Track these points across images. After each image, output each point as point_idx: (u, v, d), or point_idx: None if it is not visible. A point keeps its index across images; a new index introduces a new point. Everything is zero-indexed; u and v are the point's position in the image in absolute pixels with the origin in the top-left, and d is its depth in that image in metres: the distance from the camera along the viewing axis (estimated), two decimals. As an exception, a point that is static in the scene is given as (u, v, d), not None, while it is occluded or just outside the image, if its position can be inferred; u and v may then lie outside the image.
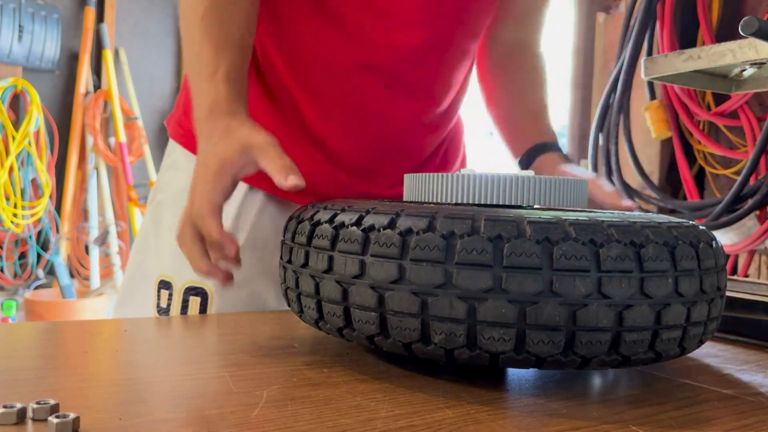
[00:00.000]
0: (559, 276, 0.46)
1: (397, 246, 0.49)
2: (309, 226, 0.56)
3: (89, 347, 0.63)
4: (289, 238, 0.60)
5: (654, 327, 0.49)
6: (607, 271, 0.47)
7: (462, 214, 0.49)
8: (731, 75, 1.32)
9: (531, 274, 0.46)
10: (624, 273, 0.47)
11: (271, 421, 0.42)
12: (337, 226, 0.53)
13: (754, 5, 1.60)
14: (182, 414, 0.43)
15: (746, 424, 0.47)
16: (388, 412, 0.45)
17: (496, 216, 0.49)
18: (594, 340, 0.47)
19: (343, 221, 0.53)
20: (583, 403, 0.50)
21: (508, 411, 0.47)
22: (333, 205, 0.57)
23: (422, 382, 0.53)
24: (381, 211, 0.52)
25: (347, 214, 0.54)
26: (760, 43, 1.08)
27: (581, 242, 0.47)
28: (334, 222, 0.54)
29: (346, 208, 0.55)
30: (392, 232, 0.50)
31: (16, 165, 2.96)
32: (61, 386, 0.48)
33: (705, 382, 0.57)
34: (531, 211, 0.51)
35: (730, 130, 1.62)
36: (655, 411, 0.48)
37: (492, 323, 0.47)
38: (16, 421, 0.39)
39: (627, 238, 0.48)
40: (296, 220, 0.60)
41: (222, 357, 0.58)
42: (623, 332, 0.48)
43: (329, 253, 0.53)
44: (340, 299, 0.52)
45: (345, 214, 0.54)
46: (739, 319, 0.75)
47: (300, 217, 0.59)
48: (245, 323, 0.74)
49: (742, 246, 1.49)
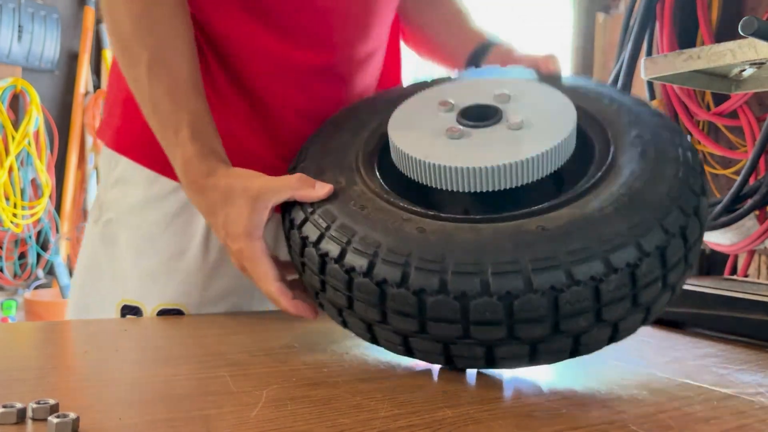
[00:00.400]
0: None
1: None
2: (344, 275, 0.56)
3: (89, 347, 0.63)
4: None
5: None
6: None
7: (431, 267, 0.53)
8: (731, 75, 1.32)
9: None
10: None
11: (271, 421, 0.42)
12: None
13: (754, 5, 1.60)
14: (182, 414, 0.43)
15: (745, 424, 0.47)
16: (388, 412, 0.45)
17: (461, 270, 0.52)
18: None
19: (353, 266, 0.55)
20: (583, 403, 0.50)
21: (508, 411, 0.47)
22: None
23: (422, 382, 0.53)
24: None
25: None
26: (760, 43, 1.08)
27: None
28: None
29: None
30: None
31: (16, 165, 2.96)
32: (61, 386, 0.48)
33: (705, 382, 0.57)
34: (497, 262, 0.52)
35: (730, 130, 1.62)
36: (655, 411, 0.48)
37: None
38: (15, 420, 0.39)
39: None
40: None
41: (222, 357, 0.58)
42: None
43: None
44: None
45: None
46: (739, 319, 0.75)
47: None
48: (245, 323, 0.74)
49: (741, 246, 1.49)
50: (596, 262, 0.51)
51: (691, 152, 0.61)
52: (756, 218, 1.49)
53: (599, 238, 0.52)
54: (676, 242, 0.54)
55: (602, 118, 0.65)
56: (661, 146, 0.61)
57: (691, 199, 0.56)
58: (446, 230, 0.55)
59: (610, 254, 0.51)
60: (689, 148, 0.61)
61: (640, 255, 0.52)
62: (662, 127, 0.63)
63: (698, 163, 0.60)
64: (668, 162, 0.59)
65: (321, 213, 0.60)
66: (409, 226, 0.56)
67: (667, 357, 0.66)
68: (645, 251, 0.52)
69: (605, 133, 0.64)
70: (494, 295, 0.50)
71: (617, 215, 0.54)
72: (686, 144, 0.62)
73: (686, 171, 0.58)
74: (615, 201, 0.55)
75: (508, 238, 0.53)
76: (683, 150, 0.61)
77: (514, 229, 0.54)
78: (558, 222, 0.54)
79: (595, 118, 0.66)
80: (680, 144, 0.61)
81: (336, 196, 0.62)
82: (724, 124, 1.62)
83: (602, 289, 0.51)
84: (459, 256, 0.52)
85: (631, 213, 0.54)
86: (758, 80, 1.31)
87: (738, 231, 1.49)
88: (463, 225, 0.55)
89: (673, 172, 0.58)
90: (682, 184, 0.57)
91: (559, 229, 0.53)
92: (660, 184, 0.56)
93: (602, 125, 0.65)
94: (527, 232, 0.53)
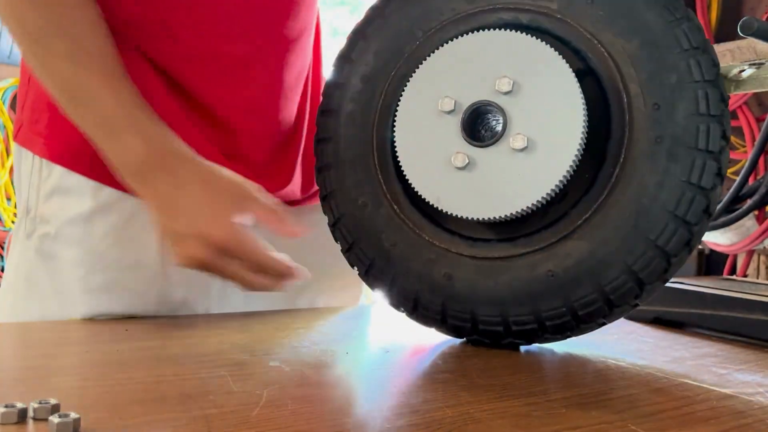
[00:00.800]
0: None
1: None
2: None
3: (90, 347, 0.63)
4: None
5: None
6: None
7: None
8: (730, 75, 1.32)
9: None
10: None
11: (271, 421, 0.42)
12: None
13: (753, 5, 1.60)
14: (182, 414, 0.43)
15: (745, 424, 0.47)
16: (388, 412, 0.46)
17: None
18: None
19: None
20: (582, 402, 0.50)
21: (507, 411, 0.47)
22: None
23: (422, 382, 0.53)
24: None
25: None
26: (759, 43, 1.08)
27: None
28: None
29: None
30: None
31: (16, 165, 2.96)
32: (62, 386, 0.48)
33: (704, 382, 0.57)
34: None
35: (729, 130, 1.63)
36: (655, 410, 0.48)
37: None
38: (17, 420, 0.39)
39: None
40: None
41: (222, 357, 0.58)
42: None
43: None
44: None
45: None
46: (739, 319, 0.75)
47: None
48: (245, 323, 0.74)
49: (741, 246, 1.50)
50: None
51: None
52: (755, 218, 1.49)
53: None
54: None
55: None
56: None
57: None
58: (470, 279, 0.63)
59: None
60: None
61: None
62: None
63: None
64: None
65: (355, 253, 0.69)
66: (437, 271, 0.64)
67: (667, 357, 0.67)
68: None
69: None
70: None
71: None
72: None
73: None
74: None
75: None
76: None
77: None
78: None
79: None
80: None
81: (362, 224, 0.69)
82: (723, 124, 1.62)
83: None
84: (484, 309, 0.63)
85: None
86: (757, 80, 1.31)
87: (737, 231, 1.49)
88: (483, 264, 0.63)
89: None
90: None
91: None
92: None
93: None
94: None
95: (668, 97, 0.59)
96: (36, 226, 0.77)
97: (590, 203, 0.59)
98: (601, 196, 0.59)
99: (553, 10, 0.63)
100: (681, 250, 0.58)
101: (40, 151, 0.77)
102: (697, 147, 0.57)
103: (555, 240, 0.60)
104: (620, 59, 0.60)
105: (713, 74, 0.59)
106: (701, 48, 0.59)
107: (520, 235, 0.62)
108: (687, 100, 0.58)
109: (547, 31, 0.63)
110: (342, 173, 0.69)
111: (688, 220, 0.57)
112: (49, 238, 0.76)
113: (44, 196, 0.77)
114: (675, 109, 0.58)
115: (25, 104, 0.79)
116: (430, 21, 0.68)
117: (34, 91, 0.78)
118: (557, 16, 0.63)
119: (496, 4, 0.66)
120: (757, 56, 1.11)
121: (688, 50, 0.59)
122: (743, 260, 1.56)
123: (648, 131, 0.59)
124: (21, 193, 0.80)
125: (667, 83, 0.59)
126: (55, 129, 0.76)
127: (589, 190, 0.60)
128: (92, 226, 0.75)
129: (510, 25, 0.64)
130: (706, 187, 0.57)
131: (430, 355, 0.64)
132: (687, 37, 0.59)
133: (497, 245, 0.62)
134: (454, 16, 0.67)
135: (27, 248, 0.77)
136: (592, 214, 0.59)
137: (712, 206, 0.58)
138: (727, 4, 1.65)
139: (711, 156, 0.57)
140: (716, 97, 0.58)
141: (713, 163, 0.57)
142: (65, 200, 0.76)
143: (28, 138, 0.79)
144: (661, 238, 0.57)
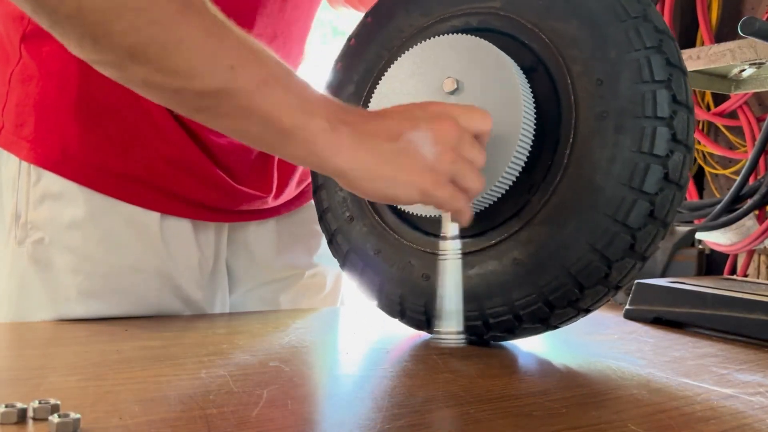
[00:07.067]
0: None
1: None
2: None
3: (89, 347, 0.63)
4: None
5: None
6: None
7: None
8: (730, 75, 1.32)
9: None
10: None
11: (272, 421, 0.42)
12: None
13: (754, 5, 1.60)
14: (182, 414, 0.43)
15: (745, 424, 0.47)
16: (388, 412, 0.46)
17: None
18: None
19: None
20: (582, 402, 0.50)
21: (508, 411, 0.47)
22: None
23: (422, 382, 0.53)
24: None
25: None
26: (760, 43, 1.08)
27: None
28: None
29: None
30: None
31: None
32: (62, 386, 0.48)
33: (704, 382, 0.57)
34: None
35: (730, 130, 1.62)
36: (655, 411, 0.48)
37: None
38: (17, 420, 0.39)
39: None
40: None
41: (222, 357, 0.58)
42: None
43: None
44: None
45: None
46: (739, 318, 0.75)
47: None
48: (245, 323, 0.74)
49: (741, 246, 1.50)
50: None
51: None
52: (755, 218, 1.49)
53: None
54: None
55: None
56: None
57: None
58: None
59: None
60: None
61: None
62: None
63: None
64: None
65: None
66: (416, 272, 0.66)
67: (667, 357, 0.67)
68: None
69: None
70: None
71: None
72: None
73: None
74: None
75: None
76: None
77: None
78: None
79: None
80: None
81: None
82: (723, 124, 1.62)
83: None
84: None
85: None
86: (758, 80, 1.31)
87: (737, 231, 1.49)
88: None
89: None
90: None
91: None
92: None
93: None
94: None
95: (610, 71, 0.58)
96: (28, 233, 0.75)
97: (548, 187, 0.60)
98: (556, 179, 0.60)
99: (497, 8, 0.65)
100: (645, 223, 0.57)
101: (26, 156, 0.74)
102: (644, 115, 0.57)
103: (518, 228, 0.61)
104: (561, 43, 0.61)
105: (655, 40, 0.58)
106: (641, 16, 0.59)
107: (488, 228, 0.63)
108: (630, 71, 0.58)
109: (494, 30, 0.65)
110: (331, 192, 0.73)
111: (646, 191, 0.57)
112: (43, 244, 0.74)
113: (34, 202, 0.74)
114: (618, 81, 0.58)
115: (6, 105, 0.75)
116: (392, 40, 0.71)
117: (18, 93, 0.75)
118: (501, 13, 0.65)
119: (448, 14, 0.68)
120: (757, 56, 1.11)
121: (626, 21, 0.59)
122: (743, 260, 1.56)
123: (594, 108, 0.59)
124: (2, 197, 0.77)
125: (608, 57, 0.59)
126: (43, 133, 0.74)
127: (546, 175, 0.61)
128: (87, 231, 0.74)
129: (461, 30, 0.66)
130: (660, 155, 0.56)
131: (430, 355, 0.64)
132: (624, 8, 0.59)
133: (468, 241, 0.63)
134: (413, 31, 0.70)
135: (19, 255, 0.75)
136: (550, 197, 0.60)
137: (673, 173, 0.58)
138: (727, 4, 1.65)
139: (662, 122, 0.57)
140: (660, 62, 0.58)
141: (664, 129, 0.57)
142: (57, 206, 0.74)
143: (11, 141, 0.75)
144: (619, 213, 0.57)
